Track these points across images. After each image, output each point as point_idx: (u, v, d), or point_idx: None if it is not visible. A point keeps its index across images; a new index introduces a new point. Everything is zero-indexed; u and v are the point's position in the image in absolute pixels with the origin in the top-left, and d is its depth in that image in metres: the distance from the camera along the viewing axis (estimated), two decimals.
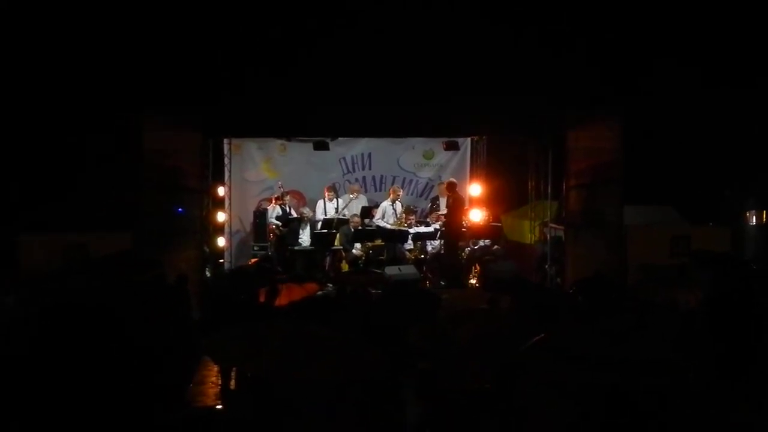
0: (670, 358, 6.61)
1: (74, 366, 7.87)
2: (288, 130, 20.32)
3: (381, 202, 21.39)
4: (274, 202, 20.99)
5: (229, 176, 21.53)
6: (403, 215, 20.72)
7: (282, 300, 12.86)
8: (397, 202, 21.02)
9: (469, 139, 22.64)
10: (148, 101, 15.43)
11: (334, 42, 16.06)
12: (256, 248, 20.82)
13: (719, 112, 15.21)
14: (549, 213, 19.56)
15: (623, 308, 10.45)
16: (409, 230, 20.39)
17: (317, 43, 15.99)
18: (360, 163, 22.72)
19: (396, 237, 20.09)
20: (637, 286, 13.44)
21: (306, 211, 21.20)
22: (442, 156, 22.83)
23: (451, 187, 20.25)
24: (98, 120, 14.96)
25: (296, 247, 20.45)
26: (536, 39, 15.94)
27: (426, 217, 21.64)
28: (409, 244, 20.64)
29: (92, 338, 8.75)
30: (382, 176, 22.79)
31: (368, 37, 15.94)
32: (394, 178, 22.66)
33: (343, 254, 20.28)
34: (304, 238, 20.79)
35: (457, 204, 19.80)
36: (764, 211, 18.99)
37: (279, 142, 22.07)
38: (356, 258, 20.18)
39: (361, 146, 22.58)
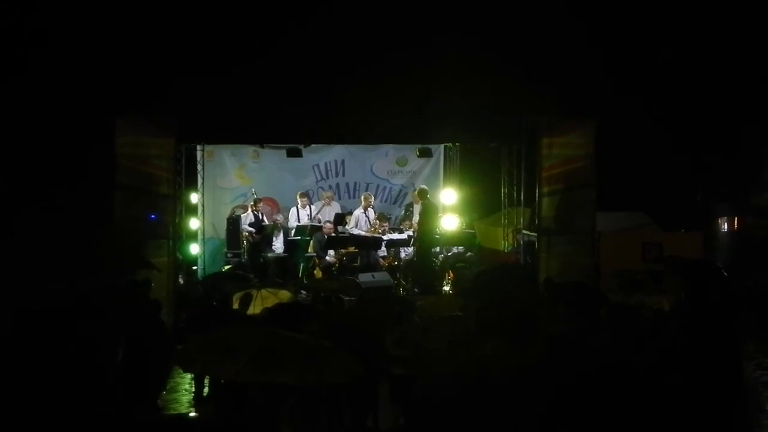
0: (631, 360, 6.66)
1: (46, 372, 7.81)
2: (261, 137, 20.29)
3: (354, 210, 21.36)
4: (248, 209, 20.92)
5: (202, 183, 21.46)
6: (377, 222, 20.68)
7: (255, 307, 12.85)
8: (369, 209, 21.01)
9: (442, 146, 22.62)
10: (121, 106, 15.36)
11: (309, 50, 16.07)
12: (229, 255, 20.74)
13: (690, 119, 15.30)
14: (522, 220, 19.61)
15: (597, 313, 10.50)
16: (383, 237, 20.36)
17: (291, 51, 15.99)
18: (333, 170, 22.68)
19: (370, 244, 20.06)
20: (611, 291, 13.50)
21: (279, 218, 21.16)
22: (415, 163, 22.80)
23: (423, 194, 20.23)
24: (71, 124, 14.88)
25: (270, 254, 20.38)
26: (510, 46, 16.00)
27: (400, 224, 21.61)
28: (383, 251, 20.60)
29: (65, 344, 8.69)
30: (355, 183, 22.75)
31: (342, 45, 15.95)
32: (368, 185, 22.61)
33: (317, 261, 20.23)
34: (278, 245, 20.74)
35: (429, 211, 19.77)
36: (735, 217, 19.11)
37: (252, 149, 21.99)
38: (330, 265, 20.13)
39: (334, 153, 22.54)
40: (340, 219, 20.58)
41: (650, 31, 15.02)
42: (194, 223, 20.81)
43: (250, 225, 20.63)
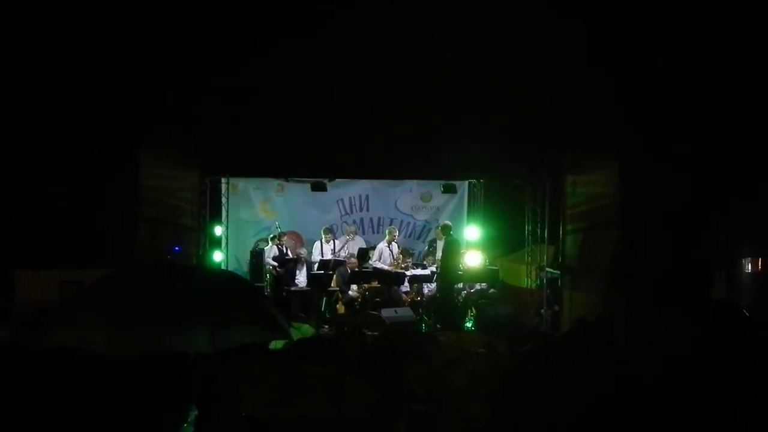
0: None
1: (66, 399, 7.79)
2: (286, 171, 20.37)
3: (377, 244, 21.38)
4: (271, 242, 20.95)
5: (227, 215, 21.51)
6: (400, 257, 20.69)
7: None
8: (393, 243, 21.01)
9: (466, 183, 22.70)
10: (146, 138, 15.45)
11: (333, 84, 16.12)
12: None
13: (713, 157, 15.24)
14: (546, 257, 19.56)
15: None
16: (406, 272, 20.35)
17: (316, 85, 16.03)
18: (358, 204, 22.75)
19: (393, 279, 20.05)
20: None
21: (303, 252, 21.18)
22: (439, 199, 22.87)
23: (446, 230, 20.26)
24: (95, 156, 14.97)
25: (293, 288, 20.39)
26: (534, 83, 15.99)
27: (423, 259, 21.61)
28: (406, 287, 20.58)
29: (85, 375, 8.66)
30: (379, 218, 22.81)
31: (367, 80, 15.99)
32: (392, 220, 22.67)
33: (340, 296, 20.22)
34: (301, 279, 20.75)
35: (452, 247, 19.77)
36: (760, 258, 18.97)
37: (277, 182, 22.09)
38: (353, 299, 20.12)
39: (358, 188, 22.62)
40: (363, 254, 20.60)
41: (676, 69, 15.02)
42: (218, 256, 20.85)
43: (274, 258, 20.66)
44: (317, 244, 21.20)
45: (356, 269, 20.13)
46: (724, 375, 7.35)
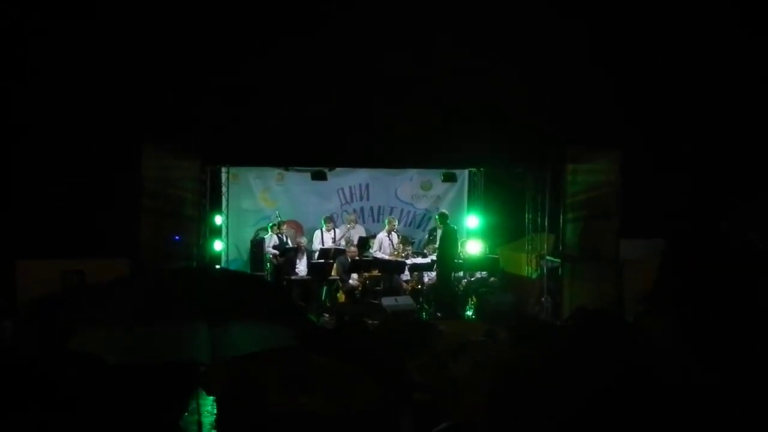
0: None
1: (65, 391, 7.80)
2: (286, 160, 20.34)
3: (378, 233, 21.37)
4: (271, 231, 20.93)
5: (227, 205, 21.48)
6: (400, 246, 20.69)
7: None
8: (393, 233, 21.00)
9: (466, 171, 22.68)
10: (147, 129, 15.45)
11: (333, 73, 16.12)
12: None
13: (716, 145, 15.25)
14: (546, 245, 19.56)
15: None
16: (406, 261, 20.35)
17: (316, 85, 16.05)
18: (358, 193, 22.71)
19: (393, 268, 20.05)
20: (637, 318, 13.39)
21: (303, 240, 21.16)
22: (439, 187, 22.84)
23: (443, 219, 20.28)
24: (96, 147, 14.98)
25: (293, 277, 20.38)
26: (534, 83, 16.01)
27: (423, 248, 21.61)
28: (406, 275, 20.59)
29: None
30: (379, 207, 22.78)
31: (368, 68, 15.99)
32: (392, 209, 22.64)
33: (340, 284, 20.22)
34: (301, 267, 20.74)
35: (449, 236, 19.78)
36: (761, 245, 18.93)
37: (277, 171, 22.05)
38: (353, 288, 20.13)
39: (358, 177, 22.57)
40: (364, 242, 20.60)
41: (679, 60, 15.01)
42: (218, 245, 20.84)
43: (274, 247, 20.66)
44: (317, 232, 21.17)
45: (356, 258, 20.14)
46: (730, 374, 7.37)
